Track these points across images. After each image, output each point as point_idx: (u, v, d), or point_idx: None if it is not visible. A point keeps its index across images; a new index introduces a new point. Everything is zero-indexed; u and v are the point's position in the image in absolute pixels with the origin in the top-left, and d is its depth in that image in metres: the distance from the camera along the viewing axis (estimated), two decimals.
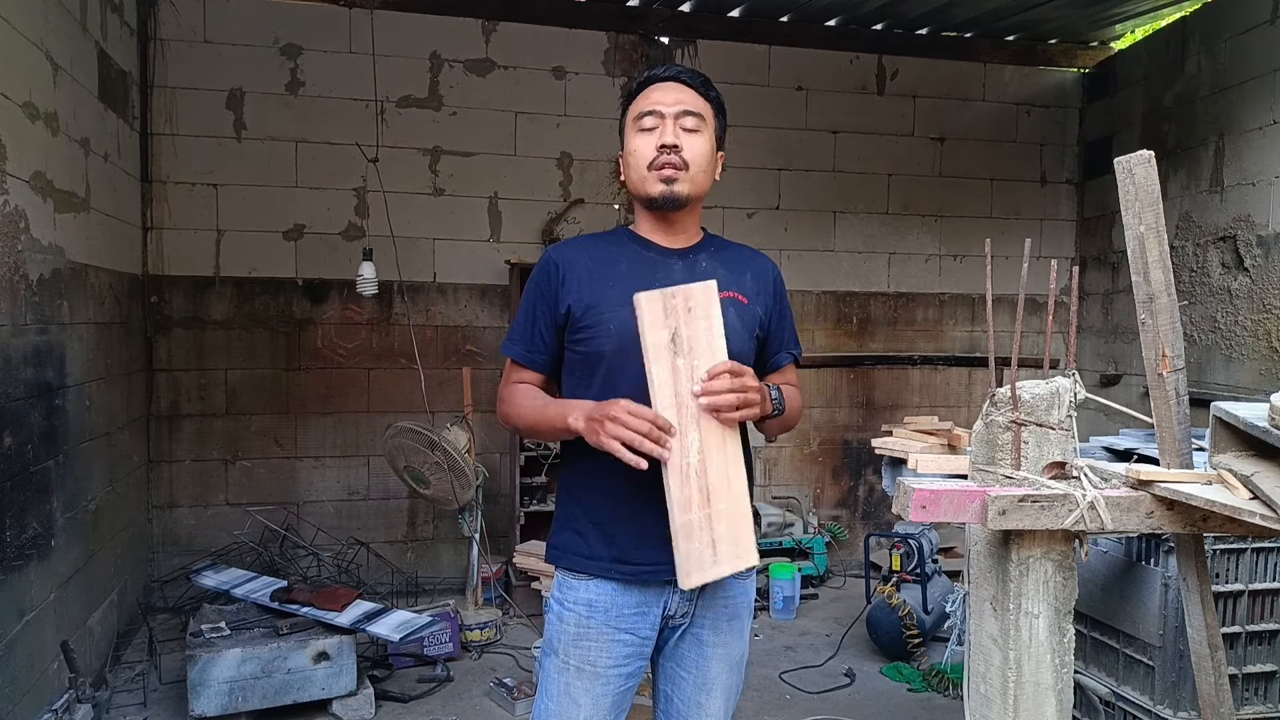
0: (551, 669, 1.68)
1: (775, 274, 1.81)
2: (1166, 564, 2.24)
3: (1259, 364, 4.12)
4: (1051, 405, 1.32)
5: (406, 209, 4.56)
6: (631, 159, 1.68)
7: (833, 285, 5.23)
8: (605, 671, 1.65)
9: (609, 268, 1.69)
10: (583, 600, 1.66)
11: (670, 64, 1.77)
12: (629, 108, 1.73)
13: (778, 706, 3.44)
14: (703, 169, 1.68)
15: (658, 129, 1.66)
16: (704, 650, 1.71)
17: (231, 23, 4.35)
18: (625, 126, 1.73)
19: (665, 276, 1.66)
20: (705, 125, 1.69)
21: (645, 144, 1.66)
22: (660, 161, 1.64)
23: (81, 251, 3.34)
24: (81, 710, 2.90)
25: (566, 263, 1.69)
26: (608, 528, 1.65)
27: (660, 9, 4.79)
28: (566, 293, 1.67)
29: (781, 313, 1.81)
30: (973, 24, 5.00)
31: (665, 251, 1.71)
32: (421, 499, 4.22)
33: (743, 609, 1.76)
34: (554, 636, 1.69)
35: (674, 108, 1.66)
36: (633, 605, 1.66)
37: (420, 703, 3.41)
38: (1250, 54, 4.19)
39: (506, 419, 1.74)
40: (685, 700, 1.73)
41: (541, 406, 1.66)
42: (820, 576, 4.81)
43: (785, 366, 1.84)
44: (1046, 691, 1.32)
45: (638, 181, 1.68)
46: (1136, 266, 1.37)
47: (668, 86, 1.69)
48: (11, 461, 2.65)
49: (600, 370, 1.65)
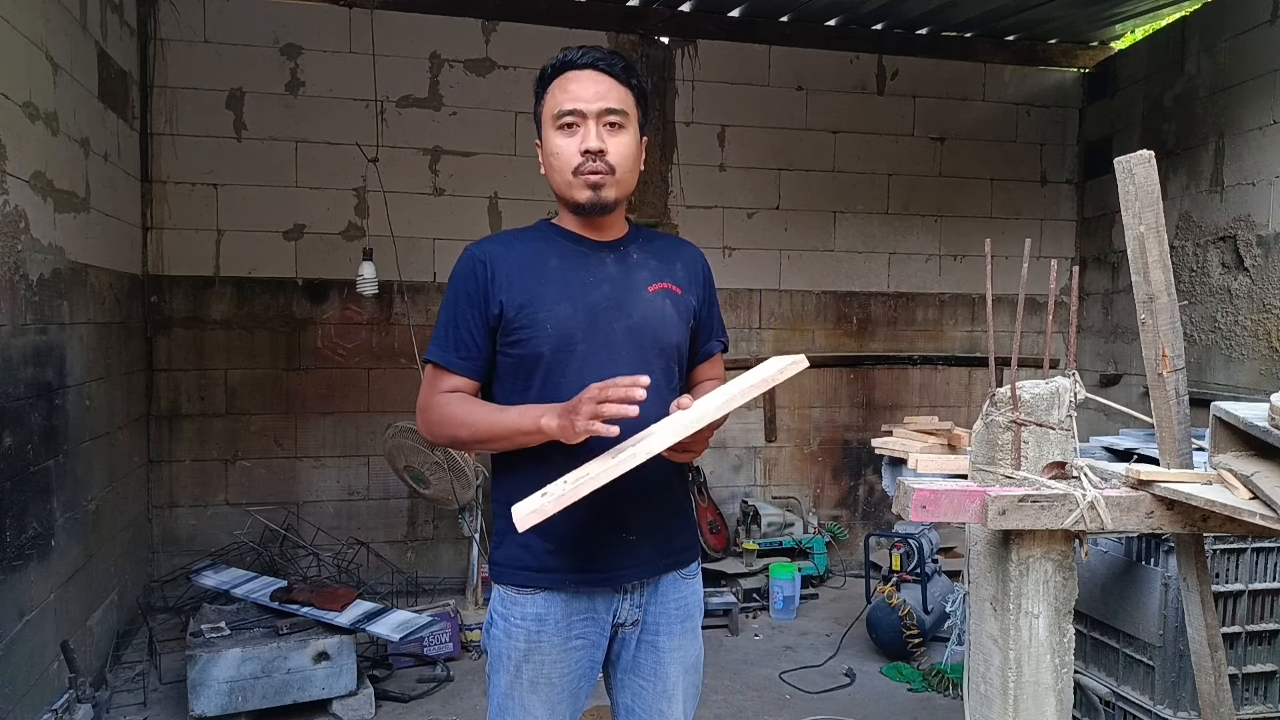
0: (503, 685, 1.62)
1: (703, 262, 1.78)
2: (1166, 564, 2.24)
3: (1259, 364, 4.12)
4: (1051, 405, 1.32)
5: (406, 209, 4.56)
6: (554, 160, 1.58)
7: (833, 285, 5.23)
8: (559, 681, 1.61)
9: (539, 264, 1.60)
10: (531, 615, 1.59)
11: (586, 48, 1.61)
12: (544, 95, 1.61)
13: (778, 706, 3.44)
14: (629, 169, 1.60)
15: (580, 129, 1.56)
16: (660, 656, 1.67)
17: (231, 23, 4.35)
18: (541, 117, 1.61)
19: (598, 270, 1.62)
20: (629, 120, 1.59)
21: (567, 146, 1.56)
22: (586, 168, 1.55)
23: (81, 251, 3.34)
24: (81, 710, 2.90)
25: (494, 259, 1.59)
26: (557, 537, 1.57)
27: (660, 9, 4.79)
28: (497, 290, 1.57)
29: (710, 301, 1.78)
30: (973, 24, 5.00)
31: (595, 245, 1.64)
32: (421, 499, 4.22)
33: (694, 608, 1.73)
34: (503, 653, 1.61)
35: (595, 104, 1.55)
36: (582, 611, 1.61)
37: (420, 703, 3.41)
38: (1250, 54, 4.19)
39: (440, 431, 1.59)
40: (647, 709, 1.68)
41: (494, 413, 1.55)
42: (820, 576, 4.80)
43: (715, 355, 1.81)
44: (1046, 691, 1.32)
45: (562, 185, 1.59)
46: (1136, 266, 1.37)
47: (585, 76, 1.57)
48: (11, 461, 2.65)
49: (538, 373, 1.57)
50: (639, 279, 1.64)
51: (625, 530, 1.60)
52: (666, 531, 1.67)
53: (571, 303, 1.58)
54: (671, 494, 1.69)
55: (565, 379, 1.56)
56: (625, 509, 1.59)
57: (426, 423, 1.62)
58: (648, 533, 1.63)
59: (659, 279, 1.66)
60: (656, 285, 1.65)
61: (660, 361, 1.63)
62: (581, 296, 1.59)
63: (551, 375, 1.57)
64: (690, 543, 1.75)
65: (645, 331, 1.61)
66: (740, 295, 5.06)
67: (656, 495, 1.64)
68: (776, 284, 5.15)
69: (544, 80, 1.62)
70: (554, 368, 1.57)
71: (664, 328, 1.64)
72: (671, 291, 1.67)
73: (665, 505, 1.67)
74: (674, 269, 1.70)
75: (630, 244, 1.68)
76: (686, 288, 1.70)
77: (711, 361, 1.81)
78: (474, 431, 1.56)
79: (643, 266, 1.66)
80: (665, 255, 1.71)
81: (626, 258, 1.66)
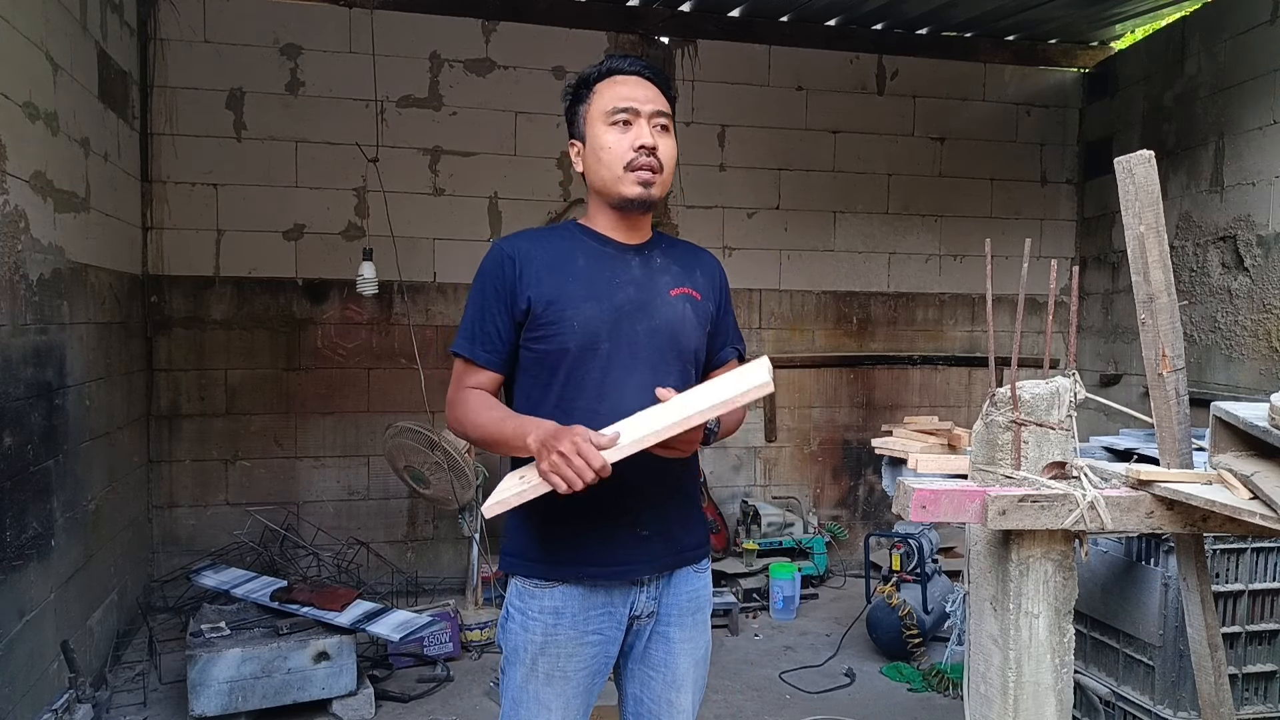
0: (518, 678, 1.63)
1: (720, 270, 1.82)
2: (1166, 564, 2.24)
3: (1259, 364, 4.12)
4: (1051, 405, 1.32)
5: (406, 209, 4.56)
6: (604, 155, 1.62)
7: (833, 285, 5.23)
8: (574, 675, 1.62)
9: (567, 262, 1.63)
10: (548, 609, 1.61)
11: (629, 55, 1.71)
12: (589, 97, 1.66)
13: (778, 706, 3.44)
14: (672, 171, 1.66)
15: (634, 127, 1.61)
16: (672, 648, 1.69)
17: (231, 23, 4.35)
18: (587, 117, 1.66)
19: (624, 272, 1.65)
20: (672, 125, 1.67)
21: (620, 142, 1.61)
22: (640, 163, 1.60)
23: (81, 251, 3.34)
24: (81, 710, 2.90)
25: (522, 255, 1.62)
26: (571, 531, 1.60)
27: (660, 9, 4.79)
28: (525, 286, 1.60)
29: (726, 308, 1.81)
30: (973, 24, 5.00)
31: (622, 247, 1.68)
32: (421, 499, 4.22)
33: (704, 601, 1.75)
34: (519, 646, 1.63)
35: (647, 105, 1.62)
36: (599, 606, 1.63)
37: (420, 702, 3.41)
38: (1250, 54, 4.19)
39: (459, 428, 1.65)
40: (656, 699, 1.70)
41: (499, 420, 1.58)
42: (820, 576, 4.80)
43: (730, 362, 1.83)
44: (1046, 691, 1.32)
45: (610, 180, 1.62)
46: (1136, 266, 1.37)
47: (636, 81, 1.65)
48: (11, 461, 2.65)
49: (561, 370, 1.60)
50: (662, 283, 1.68)
51: (638, 525, 1.62)
52: (678, 527, 1.69)
53: (598, 302, 1.61)
54: (682, 490, 1.72)
55: (588, 376, 1.59)
56: (637, 505, 1.61)
57: (453, 417, 1.66)
58: (660, 528, 1.65)
59: (680, 284, 1.69)
60: (678, 290, 1.68)
61: (678, 364, 1.66)
62: (608, 296, 1.62)
63: (575, 372, 1.60)
64: (702, 538, 1.77)
65: (666, 334, 1.65)
66: (740, 295, 5.06)
67: (668, 490, 1.67)
68: (776, 284, 5.15)
69: (588, 83, 1.68)
70: (578, 365, 1.60)
71: (684, 331, 1.67)
72: (692, 297, 1.70)
73: (677, 501, 1.70)
74: (694, 275, 1.73)
75: (655, 248, 1.72)
76: (706, 294, 1.74)
77: (726, 367, 1.83)
78: (482, 434, 1.60)
79: (665, 271, 1.69)
80: (686, 261, 1.75)
81: (651, 261, 1.69)
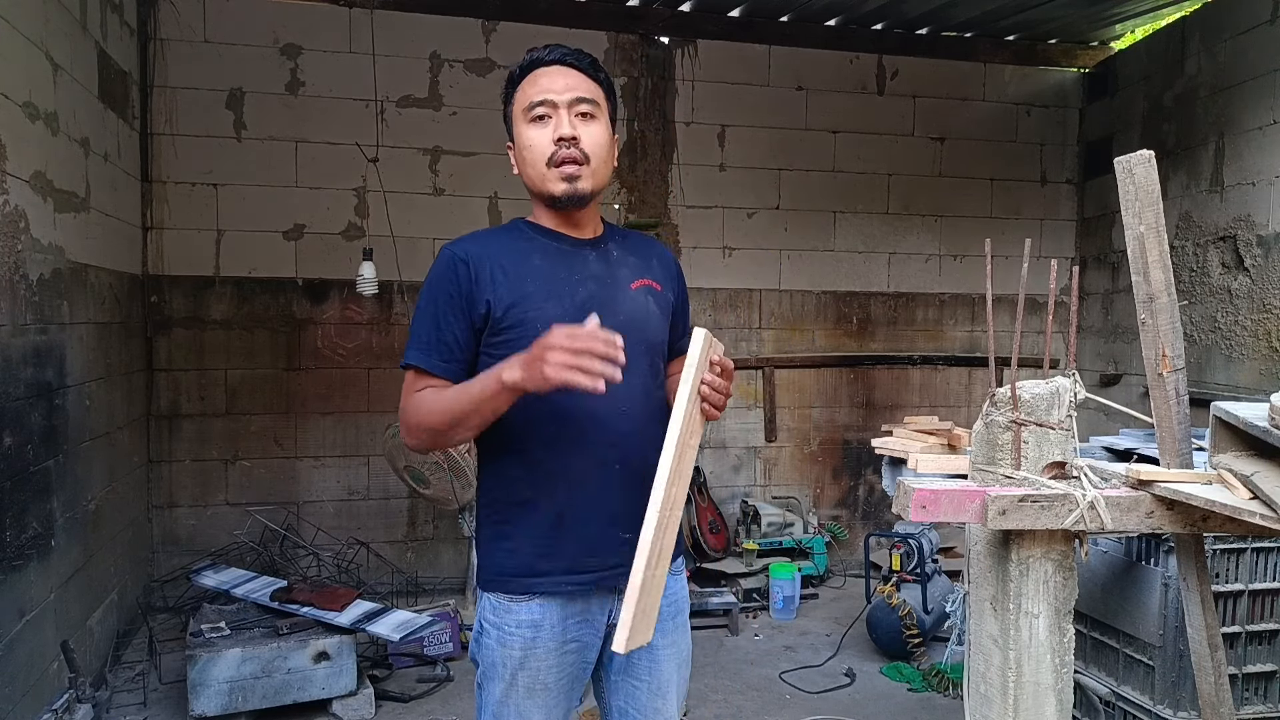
0: (497, 694, 1.58)
1: (674, 260, 1.80)
2: (1166, 564, 2.24)
3: (1259, 364, 4.12)
4: (1051, 405, 1.32)
5: (406, 209, 4.56)
6: (527, 154, 1.57)
7: (833, 285, 5.23)
8: (554, 686, 1.59)
9: (522, 263, 1.57)
10: (526, 623, 1.56)
11: (552, 45, 1.61)
12: (513, 96, 1.61)
13: (778, 706, 3.44)
14: (603, 160, 1.58)
15: (551, 119, 1.55)
16: (656, 655, 1.65)
17: (231, 23, 4.35)
18: (512, 117, 1.61)
19: (582, 268, 1.60)
20: (600, 111, 1.58)
21: (540, 137, 1.55)
22: (560, 156, 1.53)
23: (81, 251, 3.34)
24: (81, 710, 2.90)
25: (475, 258, 1.55)
26: (548, 538, 1.55)
27: (660, 9, 4.79)
28: (482, 290, 1.53)
29: (684, 298, 1.79)
30: (973, 24, 5.00)
31: (576, 243, 1.63)
32: (421, 499, 4.21)
33: (683, 604, 1.73)
34: (497, 661, 1.57)
35: (565, 94, 1.55)
36: (576, 614, 1.59)
37: (420, 702, 3.41)
38: (1250, 54, 4.19)
39: (418, 428, 1.53)
40: (641, 708, 1.66)
41: (459, 391, 1.49)
42: (820, 576, 4.81)
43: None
44: (1046, 691, 1.32)
45: (536, 179, 1.57)
46: (1136, 266, 1.37)
47: (555, 71, 1.57)
48: (11, 461, 2.65)
49: None
50: (622, 276, 1.64)
51: (619, 528, 1.57)
52: None
53: (559, 301, 1.56)
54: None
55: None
56: (618, 506, 1.57)
57: (406, 427, 1.56)
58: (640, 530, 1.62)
59: (640, 275, 1.66)
60: (639, 282, 1.65)
61: (646, 358, 1.63)
62: (569, 295, 1.57)
63: None
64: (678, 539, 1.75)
65: (632, 328, 1.58)
66: (740, 295, 5.07)
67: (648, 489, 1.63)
68: (776, 284, 5.14)
69: (512, 82, 1.62)
70: None
71: (648, 324, 1.64)
72: (652, 288, 1.67)
73: None
74: (651, 265, 1.71)
75: (609, 241, 1.68)
76: (664, 283, 1.71)
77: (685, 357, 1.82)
78: (445, 413, 1.50)
79: (623, 264, 1.66)
80: (641, 252, 1.72)
81: (608, 255, 1.65)
